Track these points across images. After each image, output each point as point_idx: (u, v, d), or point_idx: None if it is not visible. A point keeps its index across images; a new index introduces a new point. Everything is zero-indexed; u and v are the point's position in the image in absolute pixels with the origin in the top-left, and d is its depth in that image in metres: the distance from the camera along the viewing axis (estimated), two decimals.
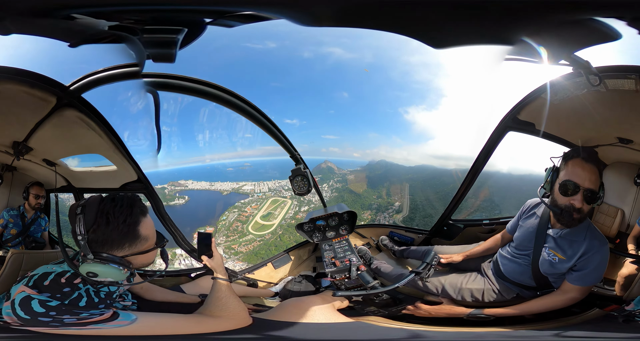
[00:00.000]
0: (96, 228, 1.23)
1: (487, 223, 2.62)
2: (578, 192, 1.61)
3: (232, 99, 2.10)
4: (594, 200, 1.62)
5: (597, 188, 1.62)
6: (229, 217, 5.80)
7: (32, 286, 1.20)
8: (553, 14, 1.45)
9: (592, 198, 1.62)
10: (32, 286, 1.20)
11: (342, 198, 6.06)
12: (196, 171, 6.03)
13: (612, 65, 1.64)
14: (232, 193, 6.08)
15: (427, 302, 2.08)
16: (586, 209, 1.64)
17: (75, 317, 1.19)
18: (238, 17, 1.53)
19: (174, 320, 1.36)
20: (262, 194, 6.10)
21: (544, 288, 1.83)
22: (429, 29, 1.62)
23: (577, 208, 1.62)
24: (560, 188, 1.65)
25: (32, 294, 1.18)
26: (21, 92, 1.68)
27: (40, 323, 1.16)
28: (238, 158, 6.11)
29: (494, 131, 2.36)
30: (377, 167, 6.27)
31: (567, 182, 1.64)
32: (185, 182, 5.88)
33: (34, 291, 1.18)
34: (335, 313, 1.69)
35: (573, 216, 1.63)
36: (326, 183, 6.22)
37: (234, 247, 5.54)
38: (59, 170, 2.16)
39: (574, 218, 1.64)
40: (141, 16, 1.46)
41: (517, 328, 1.68)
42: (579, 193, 1.61)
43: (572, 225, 1.68)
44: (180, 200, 5.71)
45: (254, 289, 2.42)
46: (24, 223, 2.24)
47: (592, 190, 1.61)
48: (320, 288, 2.38)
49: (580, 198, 1.62)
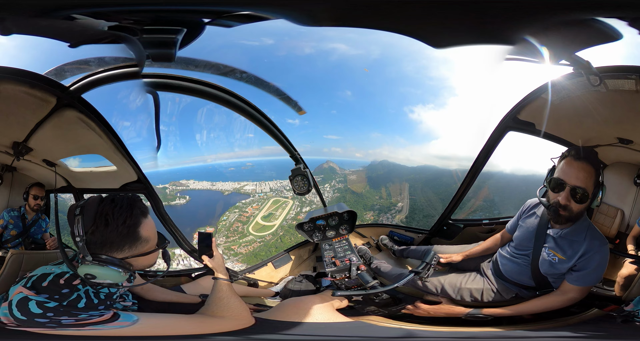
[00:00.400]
0: (95, 229, 1.21)
1: (486, 223, 2.63)
2: (564, 189, 1.62)
3: (232, 99, 2.10)
4: (583, 198, 1.61)
5: (587, 187, 1.60)
6: (230, 217, 5.79)
7: (30, 288, 1.19)
8: (554, 13, 1.44)
9: (581, 196, 1.60)
10: (30, 288, 1.19)
11: (344, 198, 6.04)
12: (198, 171, 6.02)
13: (613, 65, 1.64)
14: (233, 193, 6.07)
15: (427, 302, 2.08)
16: (575, 208, 1.63)
17: (73, 318, 1.18)
18: (237, 17, 1.52)
19: (175, 321, 1.35)
20: (264, 194, 6.07)
21: (543, 288, 1.83)
22: (428, 28, 1.61)
23: (563, 205, 1.62)
24: (550, 186, 1.68)
25: (29, 295, 1.16)
26: (21, 93, 1.67)
27: (37, 324, 1.15)
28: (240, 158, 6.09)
29: (494, 131, 2.36)
30: (379, 167, 6.24)
31: (553, 179, 1.66)
32: (186, 182, 5.87)
33: (31, 293, 1.17)
34: (335, 312, 1.69)
35: (559, 212, 1.64)
36: (328, 184, 6.19)
37: (233, 248, 5.52)
38: (59, 171, 2.16)
39: (560, 214, 1.64)
40: (140, 16, 1.45)
41: (515, 328, 1.68)
42: (564, 190, 1.62)
43: (559, 222, 1.69)
44: (181, 200, 5.70)
45: (255, 289, 2.42)
46: (24, 224, 2.24)
47: (578, 187, 1.60)
48: (320, 288, 2.38)
49: (565, 195, 1.62)
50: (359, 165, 6.46)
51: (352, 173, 6.35)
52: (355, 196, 6.07)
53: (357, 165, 6.46)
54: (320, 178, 6.12)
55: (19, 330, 1.17)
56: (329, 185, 6.21)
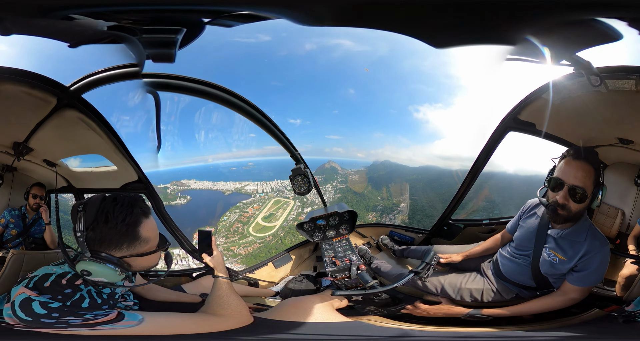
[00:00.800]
0: (95, 226, 1.22)
1: (487, 223, 2.62)
2: (562, 188, 1.62)
3: (232, 99, 2.10)
4: (582, 198, 1.61)
5: (585, 186, 1.60)
6: (230, 217, 5.77)
7: (33, 288, 1.19)
8: (554, 14, 1.44)
9: (580, 196, 1.60)
10: (33, 288, 1.19)
11: (346, 199, 6.01)
12: (199, 171, 6.01)
13: (613, 65, 1.63)
14: (234, 193, 6.06)
15: (427, 302, 2.08)
16: (574, 207, 1.63)
17: (80, 318, 1.18)
18: (237, 17, 1.52)
19: (177, 319, 1.36)
20: (265, 194, 6.05)
21: (544, 288, 1.83)
22: (428, 27, 1.61)
23: (561, 204, 1.63)
24: (549, 186, 1.68)
25: (32, 296, 1.16)
26: (21, 93, 1.68)
27: (44, 324, 1.15)
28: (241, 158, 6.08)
29: (495, 131, 2.36)
30: (380, 168, 6.23)
31: (552, 179, 1.67)
32: (188, 182, 5.86)
33: (34, 293, 1.17)
34: (334, 312, 1.69)
35: (557, 212, 1.64)
36: (330, 184, 6.17)
37: (233, 249, 5.49)
38: (59, 171, 2.16)
39: (558, 214, 1.65)
40: (139, 16, 1.45)
41: (515, 329, 1.67)
42: (563, 189, 1.62)
43: (558, 221, 1.69)
44: (182, 200, 5.70)
45: (255, 289, 2.42)
46: (24, 224, 2.24)
47: (577, 186, 1.60)
48: (320, 288, 2.38)
49: (564, 194, 1.62)
50: (360, 165, 6.45)
51: (353, 173, 6.34)
52: (357, 196, 6.04)
53: (359, 165, 6.45)
54: (322, 178, 6.10)
55: (28, 331, 1.17)
56: (331, 186, 6.19)
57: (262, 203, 5.96)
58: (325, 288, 2.29)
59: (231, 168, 6.21)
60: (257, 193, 6.07)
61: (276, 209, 5.87)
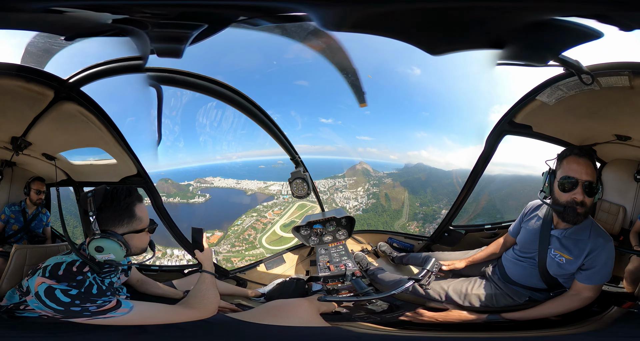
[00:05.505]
0: (103, 206, 1.41)
1: (488, 228, 2.56)
2: (577, 185, 1.62)
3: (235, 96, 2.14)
4: (593, 192, 1.63)
5: (594, 180, 1.63)
6: (245, 221, 5.38)
7: (49, 277, 1.28)
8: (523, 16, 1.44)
9: (592, 190, 1.62)
10: (49, 277, 1.28)
11: (381, 206, 5.62)
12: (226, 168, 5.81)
13: (603, 63, 1.66)
14: (257, 192, 5.79)
15: (430, 309, 2.02)
16: (588, 202, 1.64)
17: (95, 305, 1.28)
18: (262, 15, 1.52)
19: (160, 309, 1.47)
20: (289, 197, 5.59)
21: (555, 288, 1.79)
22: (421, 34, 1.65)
23: (580, 202, 1.62)
24: (560, 186, 1.66)
25: (52, 284, 1.25)
26: (18, 87, 1.70)
27: (74, 313, 1.26)
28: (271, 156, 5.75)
29: (490, 136, 2.34)
30: (414, 171, 5.86)
31: (565, 179, 1.64)
32: (212, 179, 5.66)
33: (53, 281, 1.26)
34: (317, 317, 1.70)
35: (577, 211, 1.63)
36: (361, 187, 5.81)
37: (233, 260, 5.13)
38: (58, 164, 2.17)
39: (578, 213, 1.63)
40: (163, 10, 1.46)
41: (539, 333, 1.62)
42: (578, 186, 1.62)
43: (578, 220, 1.66)
44: (201, 198, 5.47)
45: (241, 288, 2.36)
46: (25, 218, 2.25)
47: (590, 182, 1.62)
48: (309, 292, 2.30)
49: (580, 191, 1.62)
50: (392, 167, 6.15)
51: (387, 176, 5.98)
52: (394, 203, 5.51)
53: (391, 168, 6.15)
54: (353, 180, 5.72)
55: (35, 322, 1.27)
56: (362, 189, 5.78)
57: (284, 207, 5.60)
58: (315, 293, 2.21)
59: (260, 166, 6.04)
60: (280, 194, 5.71)
61: (300, 216, 5.44)
